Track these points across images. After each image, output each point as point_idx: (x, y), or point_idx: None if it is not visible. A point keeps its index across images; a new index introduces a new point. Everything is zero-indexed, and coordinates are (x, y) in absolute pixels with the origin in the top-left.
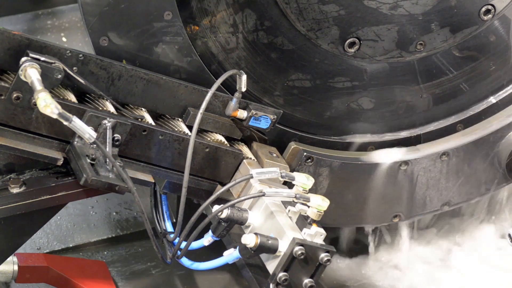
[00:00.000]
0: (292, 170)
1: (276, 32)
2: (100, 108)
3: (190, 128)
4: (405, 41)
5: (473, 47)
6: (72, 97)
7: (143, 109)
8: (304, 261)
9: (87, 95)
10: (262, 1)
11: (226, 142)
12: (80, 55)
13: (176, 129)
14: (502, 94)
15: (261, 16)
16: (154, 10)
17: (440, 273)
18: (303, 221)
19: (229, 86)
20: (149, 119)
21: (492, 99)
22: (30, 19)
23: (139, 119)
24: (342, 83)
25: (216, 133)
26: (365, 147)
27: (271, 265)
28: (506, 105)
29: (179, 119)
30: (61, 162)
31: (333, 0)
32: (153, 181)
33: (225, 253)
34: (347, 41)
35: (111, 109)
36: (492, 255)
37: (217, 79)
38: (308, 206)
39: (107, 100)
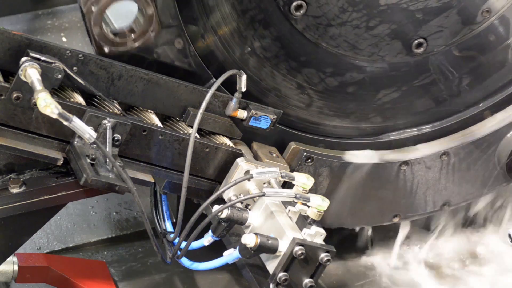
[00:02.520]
0: (292, 170)
1: (342, 72)
2: (106, 111)
3: (190, 128)
4: (469, 15)
5: None
6: (80, 99)
7: (150, 111)
8: (304, 261)
9: (95, 98)
10: (316, 56)
11: (226, 142)
12: (80, 55)
13: (181, 131)
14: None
15: (320, 67)
16: None
17: None
18: (303, 221)
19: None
20: (156, 121)
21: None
22: (30, 19)
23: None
24: (426, 79)
25: (216, 133)
26: None
27: (271, 265)
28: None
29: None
30: (61, 162)
31: (379, 22)
32: (153, 181)
33: (225, 253)
34: (414, 44)
35: (117, 112)
36: None
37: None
38: (308, 206)
39: (112, 102)
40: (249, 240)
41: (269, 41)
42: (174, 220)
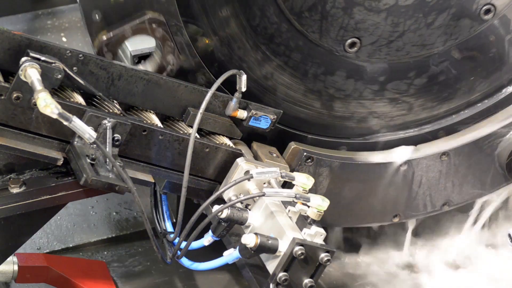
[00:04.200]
0: (292, 170)
1: (424, 69)
2: (106, 111)
3: (190, 128)
4: None
5: None
6: (80, 99)
7: (150, 111)
8: (304, 261)
9: (95, 98)
10: (392, 69)
11: (226, 142)
12: (80, 55)
13: (181, 131)
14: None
15: (402, 76)
16: None
17: None
18: (303, 221)
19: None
20: (156, 121)
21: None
22: (30, 19)
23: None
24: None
25: (216, 133)
26: None
27: (271, 265)
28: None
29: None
30: (61, 162)
31: (436, 14)
32: (153, 181)
33: (225, 253)
34: (482, 11)
35: (117, 112)
36: None
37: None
38: (308, 206)
39: (113, 102)
40: (249, 240)
41: (342, 81)
42: (174, 220)
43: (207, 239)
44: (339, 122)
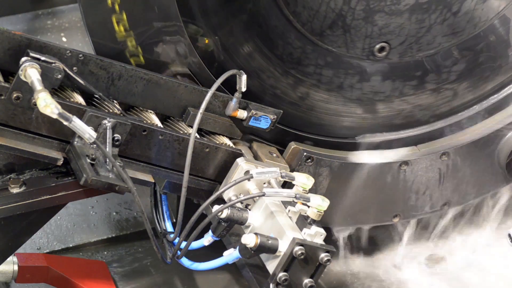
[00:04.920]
0: (292, 170)
1: (452, 57)
2: (106, 111)
3: (190, 128)
4: None
5: None
6: (80, 99)
7: (150, 111)
8: (304, 261)
9: (95, 98)
10: (429, 62)
11: (226, 142)
12: (80, 55)
13: (181, 131)
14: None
15: (440, 67)
16: None
17: None
18: (303, 221)
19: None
20: (156, 121)
21: None
22: (30, 19)
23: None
24: None
25: (216, 133)
26: None
27: (271, 265)
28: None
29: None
30: (61, 162)
31: (460, 3)
32: (153, 181)
33: (225, 253)
34: None
35: (117, 111)
36: None
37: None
38: (308, 206)
39: (111, 102)
40: (249, 240)
41: (379, 84)
42: (174, 220)
43: (207, 239)
44: (386, 121)
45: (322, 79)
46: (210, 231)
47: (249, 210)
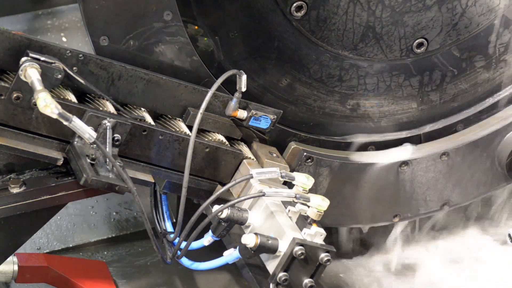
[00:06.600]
0: (292, 170)
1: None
2: (101, 108)
3: (190, 128)
4: None
5: None
6: (72, 97)
7: (142, 109)
8: (304, 261)
9: (87, 95)
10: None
11: (226, 142)
12: (80, 55)
13: (176, 129)
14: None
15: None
16: None
17: None
18: (303, 221)
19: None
20: (149, 119)
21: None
22: (30, 19)
23: (139, 119)
24: None
25: (216, 133)
26: None
27: (271, 265)
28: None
29: (179, 119)
30: (61, 162)
31: None
32: (153, 181)
33: (225, 253)
34: None
35: (111, 109)
36: None
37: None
38: (308, 206)
39: (107, 100)
40: (249, 240)
41: (428, 77)
42: (174, 220)
43: (207, 239)
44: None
45: (368, 87)
46: (210, 231)
47: (249, 210)
